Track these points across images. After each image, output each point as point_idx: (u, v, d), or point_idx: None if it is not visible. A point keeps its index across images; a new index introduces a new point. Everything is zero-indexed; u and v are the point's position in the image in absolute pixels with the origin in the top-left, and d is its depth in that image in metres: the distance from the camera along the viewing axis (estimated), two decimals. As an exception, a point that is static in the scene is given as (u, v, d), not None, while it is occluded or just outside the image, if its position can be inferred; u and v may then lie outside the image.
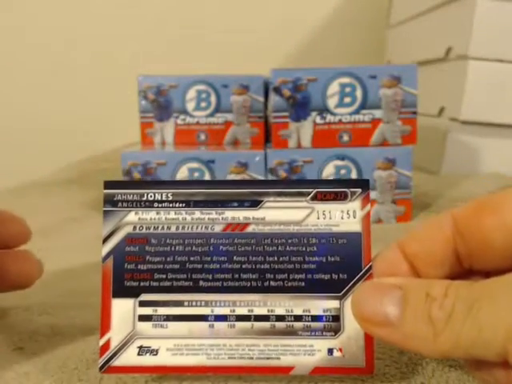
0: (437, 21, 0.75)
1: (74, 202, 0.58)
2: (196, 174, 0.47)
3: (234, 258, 0.19)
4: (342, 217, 0.18)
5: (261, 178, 0.47)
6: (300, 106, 0.47)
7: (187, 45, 1.07)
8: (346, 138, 0.48)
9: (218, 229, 0.19)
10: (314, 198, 0.19)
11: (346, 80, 0.47)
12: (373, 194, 0.47)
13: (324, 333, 0.18)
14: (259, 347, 0.18)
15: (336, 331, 0.18)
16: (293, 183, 0.19)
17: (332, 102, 0.47)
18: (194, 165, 0.47)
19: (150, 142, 0.53)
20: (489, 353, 0.14)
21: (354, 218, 0.18)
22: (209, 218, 0.19)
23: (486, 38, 0.63)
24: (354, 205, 0.18)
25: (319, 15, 1.08)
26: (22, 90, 1.07)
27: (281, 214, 0.18)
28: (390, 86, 0.47)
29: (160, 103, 0.52)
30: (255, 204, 0.19)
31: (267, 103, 0.53)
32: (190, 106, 0.52)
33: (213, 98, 0.52)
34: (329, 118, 0.47)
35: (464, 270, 0.18)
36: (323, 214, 0.18)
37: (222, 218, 0.19)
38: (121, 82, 0.94)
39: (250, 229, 0.19)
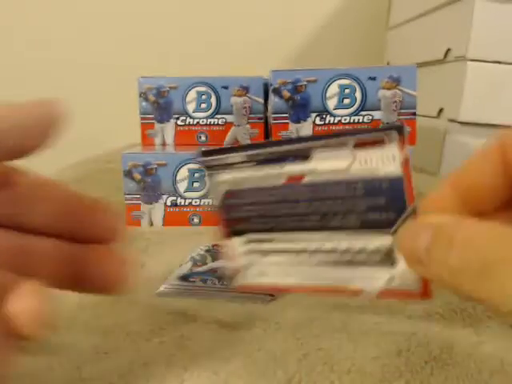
0: (436, 22, 0.75)
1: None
2: (196, 175, 0.47)
3: (301, 203, 0.21)
4: (382, 161, 0.20)
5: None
6: (300, 107, 0.48)
7: (187, 46, 1.08)
8: (345, 139, 0.48)
9: (282, 181, 0.22)
10: (355, 147, 0.20)
11: (345, 81, 0.47)
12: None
13: (383, 264, 0.20)
14: (333, 274, 0.21)
15: (392, 262, 0.20)
16: (335, 135, 0.20)
17: (331, 104, 0.48)
18: (195, 166, 0.47)
19: (150, 143, 0.53)
20: None
21: (394, 161, 0.20)
22: (277, 173, 0.22)
23: (484, 40, 0.63)
24: (392, 148, 0.19)
25: (319, 16, 1.09)
26: (22, 90, 1.07)
27: (328, 164, 0.20)
28: (389, 88, 0.47)
29: (160, 104, 0.53)
30: (306, 157, 0.21)
31: (267, 104, 0.53)
32: (191, 107, 0.52)
33: (213, 100, 0.52)
34: (328, 119, 0.48)
35: None
36: (365, 161, 0.20)
37: (283, 173, 0.22)
38: (121, 83, 0.95)
39: (306, 180, 0.21)
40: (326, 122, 0.48)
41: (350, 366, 0.23)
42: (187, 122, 0.53)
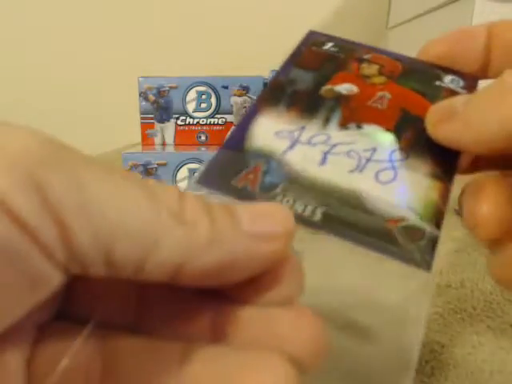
0: (436, 22, 0.75)
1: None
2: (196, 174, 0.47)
3: None
4: None
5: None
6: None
7: (187, 45, 1.08)
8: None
9: None
10: None
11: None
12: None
13: None
14: None
15: None
16: None
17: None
18: (195, 165, 0.47)
19: (150, 143, 0.53)
20: None
21: None
22: None
23: (484, 40, 0.63)
24: None
25: (319, 16, 1.09)
26: (22, 90, 1.07)
27: None
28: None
29: (160, 104, 0.53)
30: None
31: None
32: (191, 106, 0.52)
33: (213, 99, 0.52)
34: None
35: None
36: None
37: None
38: (121, 82, 0.95)
39: None
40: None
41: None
42: (187, 122, 0.53)
